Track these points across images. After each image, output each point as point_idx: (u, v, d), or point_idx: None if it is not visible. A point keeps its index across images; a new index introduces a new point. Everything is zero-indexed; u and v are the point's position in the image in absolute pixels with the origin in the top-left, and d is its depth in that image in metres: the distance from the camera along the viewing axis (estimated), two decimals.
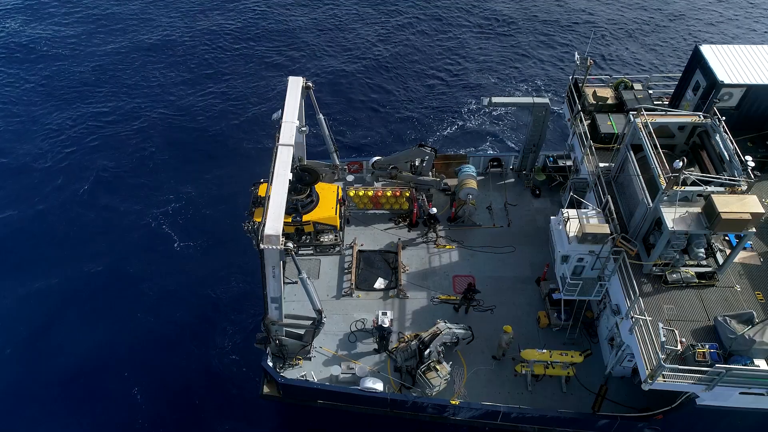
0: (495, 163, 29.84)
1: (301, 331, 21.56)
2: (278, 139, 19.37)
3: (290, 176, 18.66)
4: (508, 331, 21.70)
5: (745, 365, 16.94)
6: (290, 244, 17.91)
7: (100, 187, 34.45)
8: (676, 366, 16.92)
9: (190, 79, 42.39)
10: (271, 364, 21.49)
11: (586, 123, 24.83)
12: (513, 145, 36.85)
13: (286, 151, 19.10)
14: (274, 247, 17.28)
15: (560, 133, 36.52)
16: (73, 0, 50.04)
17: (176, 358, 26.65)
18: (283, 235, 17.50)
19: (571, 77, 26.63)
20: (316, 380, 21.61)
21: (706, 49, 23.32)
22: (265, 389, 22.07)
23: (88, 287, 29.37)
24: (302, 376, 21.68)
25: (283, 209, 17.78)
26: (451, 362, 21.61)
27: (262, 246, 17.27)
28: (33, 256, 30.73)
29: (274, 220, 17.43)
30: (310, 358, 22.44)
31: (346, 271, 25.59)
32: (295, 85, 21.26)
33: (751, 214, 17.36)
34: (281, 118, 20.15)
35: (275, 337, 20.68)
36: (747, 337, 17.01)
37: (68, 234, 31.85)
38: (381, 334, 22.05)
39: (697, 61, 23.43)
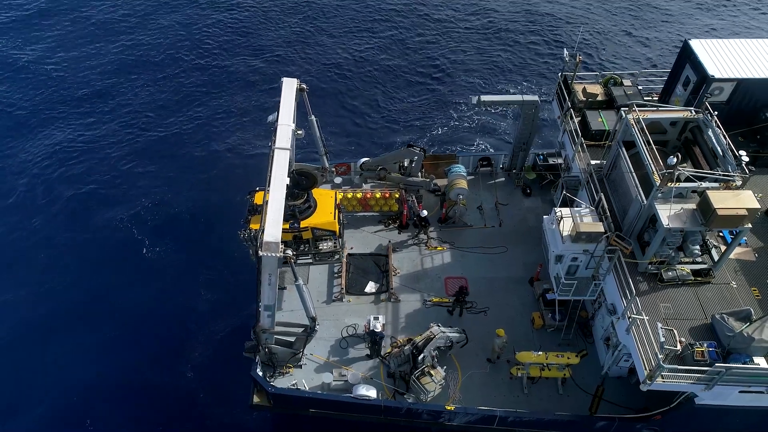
0: (485, 163, 29.52)
1: (293, 339, 21.05)
2: (274, 142, 18.79)
3: (287, 181, 18.14)
4: (501, 334, 21.33)
5: (744, 363, 16.67)
6: (289, 252, 17.47)
7: (73, 197, 33.45)
8: (676, 366, 16.60)
9: (171, 87, 41.48)
10: (260, 373, 20.93)
11: (576, 120, 24.53)
12: (502, 143, 36.53)
13: (283, 154, 18.49)
14: (273, 254, 16.77)
15: (550, 130, 36.35)
16: (51, 15, 48.95)
17: (158, 372, 25.71)
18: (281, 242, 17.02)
19: (560, 74, 26.36)
20: (307, 388, 21.08)
21: (696, 44, 23.13)
22: (255, 399, 21.49)
23: (58, 302, 28.28)
24: (293, 385, 21.15)
25: (281, 215, 17.28)
26: (445, 366, 21.20)
27: (261, 253, 16.74)
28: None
29: (273, 227, 16.88)
30: (300, 366, 21.92)
31: (336, 275, 25.08)
32: (289, 87, 20.63)
33: (746, 209, 17.14)
34: (277, 120, 19.58)
35: (265, 345, 20.13)
36: (746, 334, 16.73)
37: (37, 246, 30.86)
38: (373, 339, 21.55)
39: (687, 56, 23.24)
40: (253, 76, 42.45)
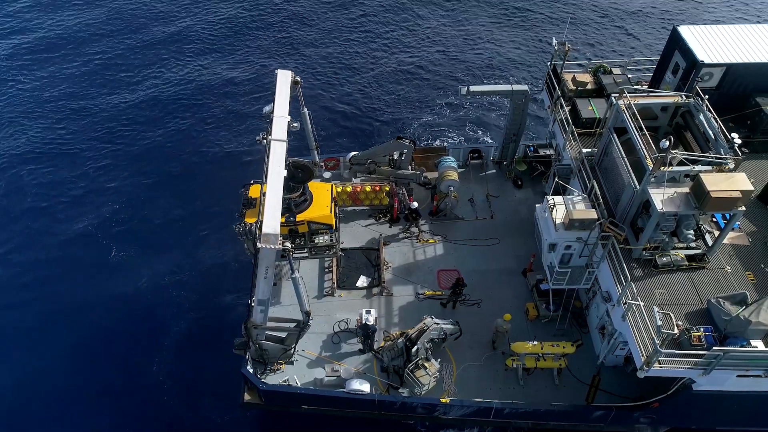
0: (475, 155, 29.29)
1: (284, 335, 20.65)
2: (270, 134, 18.66)
3: (285, 173, 17.99)
4: (507, 319, 21.29)
5: (741, 347, 16.48)
6: (288, 244, 17.24)
7: (40, 205, 32.56)
8: (673, 351, 16.36)
9: (151, 91, 40.74)
10: (251, 370, 20.49)
11: (566, 109, 24.31)
12: (493, 136, 36.30)
13: (280, 146, 18.39)
14: (272, 246, 16.50)
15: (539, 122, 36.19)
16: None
17: (144, 374, 25.12)
18: None
19: (549, 63, 26.18)
20: (299, 385, 20.65)
21: (685, 30, 23.02)
22: (246, 397, 21.00)
23: (30, 309, 27.57)
24: (284, 381, 20.75)
25: (279, 207, 17.12)
26: (439, 359, 20.87)
27: (259, 245, 16.49)
28: None
29: (272, 219, 16.68)
30: (292, 362, 21.51)
31: (327, 270, 24.70)
32: (284, 79, 20.57)
33: (740, 191, 16.97)
34: (272, 112, 19.44)
35: (256, 341, 19.69)
36: (742, 318, 16.56)
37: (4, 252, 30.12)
38: (365, 333, 21.15)
39: (676, 42, 23.12)
40: (237, 75, 41.85)
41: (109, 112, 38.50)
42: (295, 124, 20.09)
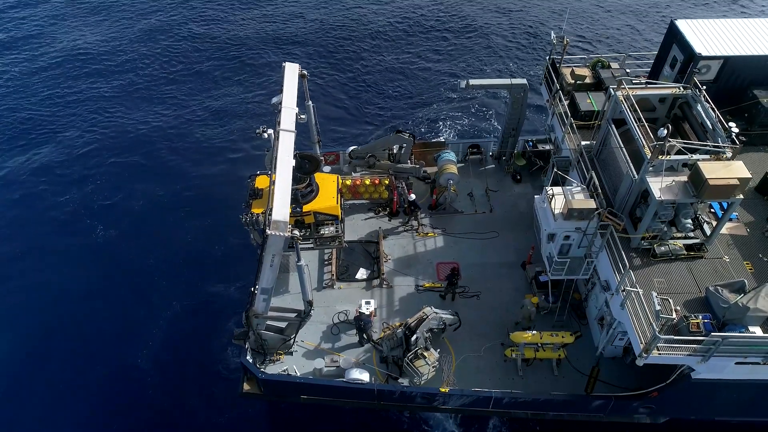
0: (474, 150, 29.37)
1: (283, 325, 20.65)
2: (279, 124, 18.97)
3: (293, 162, 18.20)
4: (534, 302, 21.63)
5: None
6: (296, 232, 17.39)
7: (43, 205, 32.57)
8: (672, 337, 16.39)
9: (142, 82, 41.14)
10: (250, 359, 20.48)
11: (565, 103, 24.41)
12: (492, 130, 36.38)
13: (289, 137, 18.72)
14: (281, 233, 16.61)
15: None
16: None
17: (141, 366, 25.16)
18: None
19: (548, 57, 26.31)
20: (298, 374, 20.64)
21: (682, 24, 23.21)
22: (245, 387, 20.99)
23: (35, 305, 27.62)
24: (284, 371, 20.73)
25: (288, 195, 17.30)
26: (438, 350, 20.88)
27: (269, 232, 16.63)
28: None
29: (281, 206, 16.86)
30: (291, 353, 21.49)
31: (326, 262, 24.73)
32: (292, 71, 20.93)
33: (738, 179, 17.05)
34: (280, 103, 19.71)
35: (256, 330, 19.70)
36: (740, 305, 16.59)
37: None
38: (358, 324, 21.10)
39: (674, 36, 23.30)
40: (231, 74, 42.05)
41: (99, 112, 38.74)
42: (302, 116, 20.38)
